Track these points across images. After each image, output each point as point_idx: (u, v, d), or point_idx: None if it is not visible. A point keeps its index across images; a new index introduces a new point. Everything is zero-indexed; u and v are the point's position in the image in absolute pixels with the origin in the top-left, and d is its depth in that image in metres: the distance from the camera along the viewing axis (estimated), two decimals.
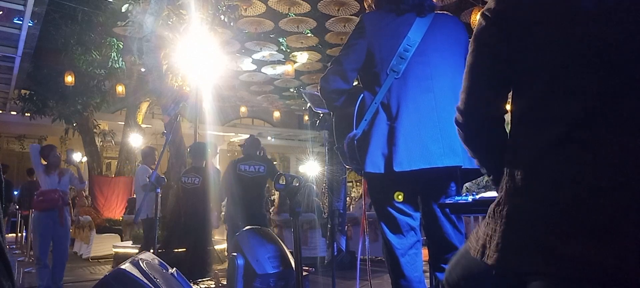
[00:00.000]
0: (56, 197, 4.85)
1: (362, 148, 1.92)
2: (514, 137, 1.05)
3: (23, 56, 8.41)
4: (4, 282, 0.87)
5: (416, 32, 1.95)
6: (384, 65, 1.94)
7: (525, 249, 0.93)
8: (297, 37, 8.58)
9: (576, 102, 0.93)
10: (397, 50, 1.93)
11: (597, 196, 0.88)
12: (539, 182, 0.95)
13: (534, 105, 0.99)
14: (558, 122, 0.94)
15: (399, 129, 1.88)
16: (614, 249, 0.84)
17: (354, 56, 2.00)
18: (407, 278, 1.94)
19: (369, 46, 1.97)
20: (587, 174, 0.90)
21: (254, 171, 5.38)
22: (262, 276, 3.28)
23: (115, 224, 9.40)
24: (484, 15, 1.11)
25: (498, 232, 1.00)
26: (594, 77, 0.93)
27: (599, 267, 0.85)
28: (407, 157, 1.85)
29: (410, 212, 1.99)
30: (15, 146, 16.52)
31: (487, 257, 1.01)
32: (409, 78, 1.93)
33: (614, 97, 0.91)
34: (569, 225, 0.89)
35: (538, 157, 0.96)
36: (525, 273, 0.94)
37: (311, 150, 15.61)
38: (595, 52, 0.93)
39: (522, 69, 1.03)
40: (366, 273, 6.68)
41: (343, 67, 2.01)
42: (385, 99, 1.93)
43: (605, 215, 0.87)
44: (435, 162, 1.86)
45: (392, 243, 1.96)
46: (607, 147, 0.90)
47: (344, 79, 2.01)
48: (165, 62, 6.96)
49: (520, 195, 0.98)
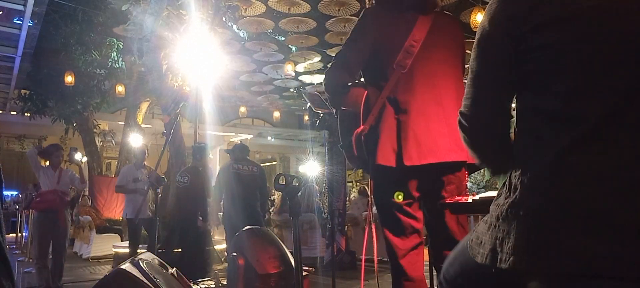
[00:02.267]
0: (55, 198, 4.85)
1: (370, 143, 1.91)
2: (530, 137, 1.03)
3: (23, 56, 8.42)
4: (4, 282, 0.87)
5: (420, 29, 1.95)
6: (389, 60, 1.94)
7: (548, 249, 0.91)
8: (297, 37, 8.58)
9: (601, 101, 0.92)
10: (403, 46, 1.93)
11: (625, 195, 0.87)
12: (562, 181, 0.93)
13: (556, 104, 0.97)
14: (583, 120, 0.92)
15: (408, 123, 1.88)
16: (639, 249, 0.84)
17: (358, 50, 2.00)
18: (409, 278, 1.93)
19: (373, 41, 1.97)
20: (613, 173, 0.89)
21: (249, 171, 5.45)
22: (263, 276, 3.27)
23: (115, 224, 9.40)
24: (491, 19, 1.08)
25: (514, 234, 0.97)
26: (620, 75, 0.92)
27: (630, 266, 0.84)
28: (416, 152, 1.85)
29: (415, 212, 1.97)
30: (15, 146, 16.52)
31: (499, 260, 0.98)
32: (415, 73, 1.93)
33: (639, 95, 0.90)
34: (596, 225, 0.88)
35: (561, 156, 0.94)
36: (544, 275, 0.92)
37: (311, 150, 15.61)
38: (621, 49, 0.92)
39: (542, 68, 1.01)
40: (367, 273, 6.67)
41: (347, 60, 2.01)
42: (392, 94, 1.92)
43: (634, 214, 0.86)
44: (443, 156, 1.86)
45: (395, 244, 1.95)
46: (633, 146, 0.89)
47: (349, 72, 2.01)
48: (165, 62, 6.97)
49: (540, 195, 0.96)
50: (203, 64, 6.49)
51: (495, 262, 0.99)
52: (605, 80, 0.93)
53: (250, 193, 5.38)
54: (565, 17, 0.97)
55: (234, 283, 3.39)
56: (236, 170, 5.36)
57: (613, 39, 0.93)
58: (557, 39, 0.98)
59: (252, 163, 5.68)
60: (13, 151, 16.43)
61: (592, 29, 0.95)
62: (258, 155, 20.07)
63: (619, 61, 0.93)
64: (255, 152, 19.16)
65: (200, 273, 4.90)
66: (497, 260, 0.99)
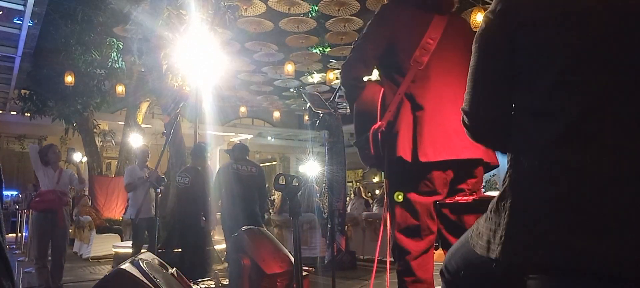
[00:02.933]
0: (54, 198, 4.85)
1: (387, 139, 1.91)
2: (519, 131, 1.06)
3: (23, 56, 8.43)
4: (4, 282, 0.87)
5: (435, 28, 1.97)
6: (407, 56, 1.94)
7: (530, 243, 0.94)
8: (298, 37, 8.58)
9: (583, 96, 0.94)
10: (421, 42, 1.94)
11: (604, 190, 0.89)
12: (544, 175, 0.95)
13: (541, 99, 1.00)
14: (565, 116, 0.95)
15: (424, 119, 1.88)
16: (619, 243, 0.85)
17: (375, 43, 2.00)
18: (419, 279, 1.90)
19: (391, 35, 1.98)
20: (593, 168, 0.90)
21: (248, 171, 5.46)
22: (271, 276, 3.25)
23: (115, 224, 9.39)
24: (487, 17, 1.11)
25: (502, 226, 1.00)
26: (601, 72, 0.94)
27: (604, 260, 0.85)
28: (432, 148, 1.85)
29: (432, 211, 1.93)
30: (15, 146, 16.53)
31: (491, 251, 1.01)
32: (431, 71, 1.93)
33: (621, 91, 0.92)
34: (574, 219, 0.89)
35: (544, 150, 0.96)
36: (529, 267, 0.95)
37: (311, 150, 15.61)
38: (603, 47, 0.94)
39: (528, 65, 1.03)
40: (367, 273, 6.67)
41: (365, 53, 2.01)
42: (408, 90, 1.93)
43: (611, 208, 0.87)
44: (459, 153, 1.85)
45: (407, 246, 1.92)
46: (613, 141, 0.90)
47: (366, 65, 2.01)
48: (165, 62, 6.96)
49: (525, 189, 0.99)
50: (203, 64, 6.49)
51: (488, 251, 1.03)
52: (584, 76, 0.95)
53: (249, 193, 5.37)
54: (546, 15, 1.00)
55: (238, 283, 3.37)
56: (235, 170, 5.36)
57: (592, 36, 0.95)
58: (539, 36, 1.01)
59: (251, 163, 5.68)
60: (13, 151, 16.43)
61: (572, 25, 0.97)
62: (258, 155, 20.07)
63: (597, 58, 0.95)
64: (255, 152, 19.16)
65: (200, 273, 4.90)
66: (489, 250, 1.02)
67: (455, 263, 1.24)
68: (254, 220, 4.89)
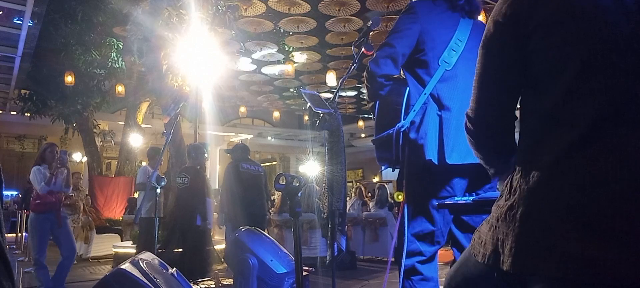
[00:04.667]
0: (53, 200, 4.84)
1: (412, 141, 1.89)
2: (530, 139, 1.03)
3: (23, 56, 8.41)
4: (4, 282, 0.87)
5: (462, 31, 1.96)
6: (435, 55, 1.93)
7: (543, 253, 0.90)
8: (297, 37, 8.58)
9: (599, 103, 0.91)
10: (449, 43, 1.93)
11: (621, 200, 0.86)
12: (558, 184, 0.92)
13: (555, 106, 0.97)
14: (581, 123, 0.92)
15: (450, 120, 1.87)
16: (635, 255, 0.82)
17: (406, 40, 1.96)
18: (426, 278, 1.91)
19: (421, 32, 1.95)
20: (610, 177, 0.87)
21: (254, 170, 5.48)
22: (280, 275, 3.25)
23: (115, 224, 9.40)
24: (495, 22, 1.09)
25: (512, 236, 0.96)
26: (618, 77, 0.91)
27: (619, 272, 0.83)
28: (457, 150, 1.84)
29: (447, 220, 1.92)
30: (15, 146, 16.54)
31: (501, 262, 0.98)
32: (458, 72, 1.92)
33: (636, 98, 0.90)
34: (589, 229, 0.86)
35: (558, 158, 0.93)
36: (542, 278, 0.92)
37: (311, 150, 15.61)
38: (620, 51, 0.92)
39: (540, 71, 1.01)
40: (367, 273, 6.66)
41: (395, 50, 1.95)
42: (435, 91, 1.91)
43: (629, 219, 0.85)
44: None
45: (419, 249, 1.91)
46: (632, 149, 0.87)
47: (395, 62, 1.97)
48: (165, 62, 6.96)
49: (537, 198, 0.95)
50: (203, 64, 6.49)
51: (498, 263, 0.99)
52: (601, 82, 0.92)
53: (257, 193, 5.43)
54: (560, 18, 0.98)
55: (247, 284, 3.36)
56: (241, 170, 5.39)
57: (607, 42, 0.93)
58: (554, 40, 0.98)
59: (255, 163, 5.72)
60: (13, 151, 16.44)
61: (587, 30, 0.95)
62: (258, 155, 20.07)
63: (612, 63, 0.92)
64: (255, 152, 19.15)
65: (200, 273, 4.90)
66: (500, 262, 0.99)
67: (456, 282, 1.23)
68: (262, 219, 4.91)
